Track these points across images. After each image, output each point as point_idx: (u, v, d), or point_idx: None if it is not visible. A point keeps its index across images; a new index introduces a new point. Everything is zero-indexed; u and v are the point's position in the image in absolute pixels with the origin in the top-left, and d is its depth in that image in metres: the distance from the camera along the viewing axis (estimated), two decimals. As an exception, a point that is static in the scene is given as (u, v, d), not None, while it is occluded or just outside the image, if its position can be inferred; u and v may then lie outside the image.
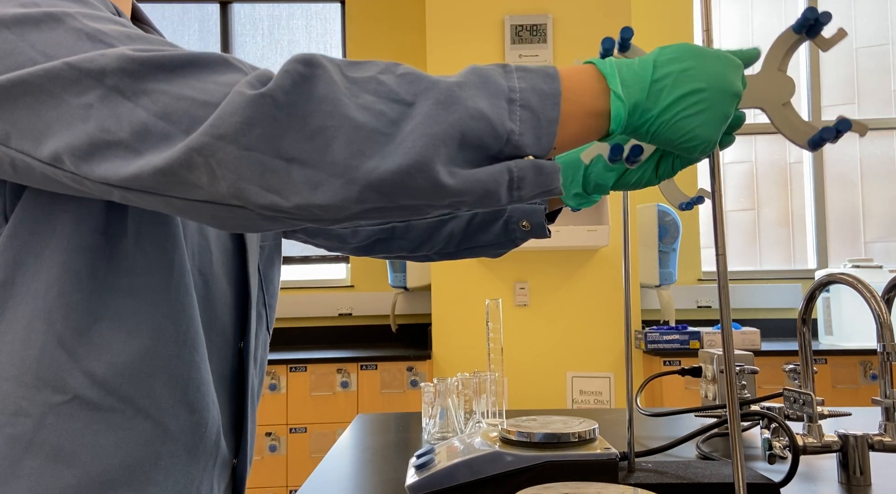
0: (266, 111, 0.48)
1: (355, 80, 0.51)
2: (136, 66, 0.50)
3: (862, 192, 3.54)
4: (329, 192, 0.49)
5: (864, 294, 0.92)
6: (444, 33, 2.98)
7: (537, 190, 0.54)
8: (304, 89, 0.49)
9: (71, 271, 0.59)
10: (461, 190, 0.51)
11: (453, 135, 0.50)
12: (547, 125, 0.54)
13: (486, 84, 0.53)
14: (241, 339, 0.74)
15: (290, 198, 0.49)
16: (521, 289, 2.92)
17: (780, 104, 0.62)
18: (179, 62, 0.51)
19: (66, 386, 0.59)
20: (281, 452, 2.79)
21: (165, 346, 0.63)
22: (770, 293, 3.42)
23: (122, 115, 0.50)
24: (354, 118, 0.49)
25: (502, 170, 0.52)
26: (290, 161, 0.48)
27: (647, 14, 3.46)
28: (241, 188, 0.49)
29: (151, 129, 0.50)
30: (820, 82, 3.56)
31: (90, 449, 0.59)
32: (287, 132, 0.48)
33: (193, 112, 0.49)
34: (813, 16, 0.60)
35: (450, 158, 0.50)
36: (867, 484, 0.92)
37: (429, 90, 0.51)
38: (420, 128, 0.50)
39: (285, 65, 0.50)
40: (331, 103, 0.49)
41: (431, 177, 0.50)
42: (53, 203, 0.59)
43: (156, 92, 0.50)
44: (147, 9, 3.61)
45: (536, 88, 0.54)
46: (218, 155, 0.48)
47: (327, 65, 0.50)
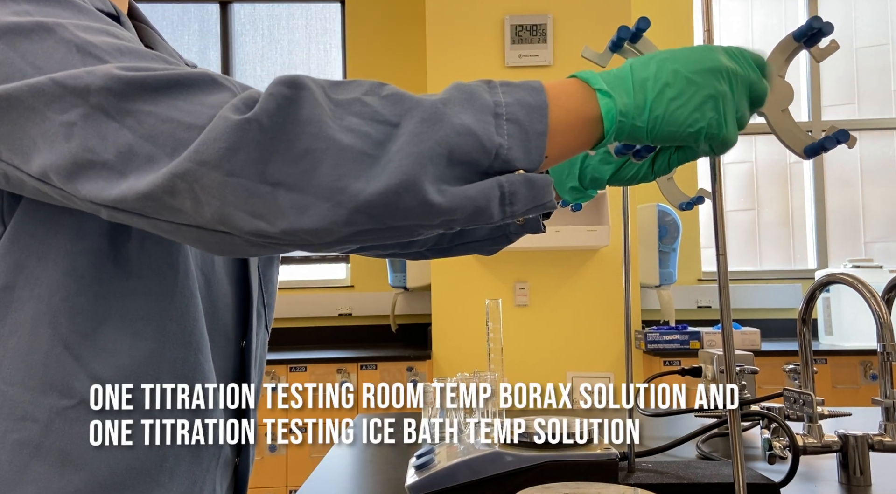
0: (251, 136, 0.47)
1: (339, 102, 0.50)
2: (122, 86, 0.49)
3: (862, 192, 3.54)
4: (316, 216, 0.48)
5: (864, 294, 0.92)
6: (444, 33, 2.97)
7: (530, 204, 0.53)
8: (289, 112, 0.48)
9: (75, 274, 0.59)
10: (451, 208, 0.50)
11: (440, 153, 0.49)
12: (535, 137, 0.53)
13: (471, 100, 0.52)
14: (242, 339, 0.74)
15: (277, 223, 0.48)
16: (521, 289, 2.92)
17: (780, 110, 0.63)
18: (166, 82, 0.50)
19: (73, 390, 0.58)
20: (281, 452, 2.79)
21: (171, 348, 0.63)
22: (770, 293, 3.41)
23: (106, 135, 0.49)
24: (340, 140, 0.48)
25: (493, 185, 0.51)
26: (276, 185, 0.48)
27: (647, 14, 3.45)
28: (226, 214, 0.48)
29: (136, 151, 0.49)
30: (820, 82, 3.56)
31: (97, 453, 0.59)
32: (272, 156, 0.47)
33: (178, 135, 0.48)
34: (818, 25, 0.60)
35: (438, 176, 0.50)
36: (867, 484, 0.92)
37: (413, 109, 0.51)
38: (406, 148, 0.49)
39: (269, 87, 0.49)
40: (315, 126, 0.48)
41: (420, 197, 0.49)
42: (55, 206, 0.59)
43: (141, 113, 0.49)
44: (147, 9, 3.59)
45: (522, 101, 0.53)
46: (202, 181, 0.47)
47: (312, 86, 0.50)
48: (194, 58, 3.58)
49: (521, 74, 2.93)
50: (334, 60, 3.61)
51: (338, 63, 3.60)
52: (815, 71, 3.55)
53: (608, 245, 2.81)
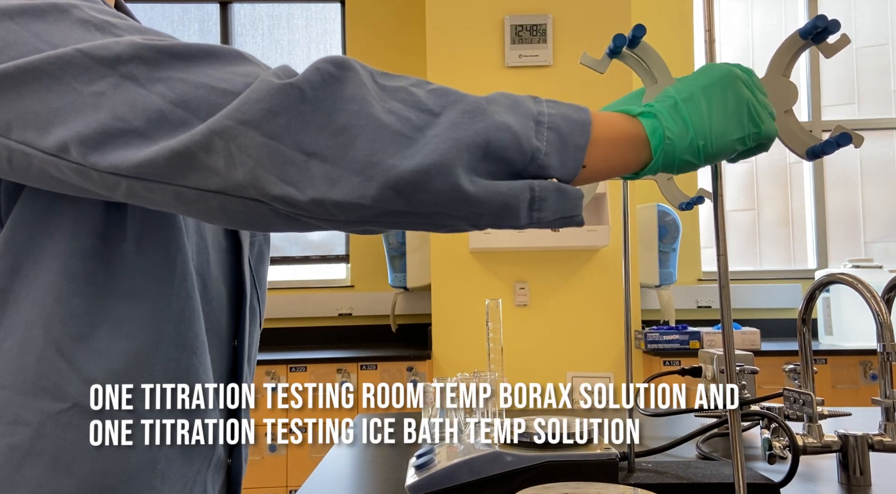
0: (292, 102, 0.48)
1: (385, 88, 0.51)
2: (153, 54, 0.50)
3: (862, 192, 3.54)
4: (346, 189, 0.48)
5: (864, 294, 0.92)
6: (444, 33, 2.97)
7: (559, 214, 0.53)
8: (333, 88, 0.49)
9: (69, 276, 0.58)
10: (481, 199, 0.50)
11: (478, 143, 0.50)
12: (574, 149, 0.53)
13: (516, 105, 0.53)
14: (234, 338, 0.74)
15: (307, 191, 0.48)
16: (521, 289, 2.92)
17: (783, 111, 0.62)
18: (196, 52, 0.51)
19: (66, 394, 0.58)
20: (281, 452, 2.79)
21: (165, 351, 0.62)
22: (770, 293, 3.41)
23: (136, 103, 0.49)
24: (380, 119, 0.49)
25: (524, 187, 0.52)
26: (311, 155, 0.48)
27: (647, 14, 3.46)
28: (258, 176, 0.48)
29: (168, 117, 0.49)
30: (820, 82, 3.56)
31: (89, 457, 0.58)
32: (310, 126, 0.48)
33: (213, 99, 0.49)
34: (823, 24, 0.60)
35: (472, 166, 0.50)
36: (867, 484, 0.92)
37: (456, 102, 0.51)
38: (444, 133, 0.49)
39: (316, 62, 0.50)
40: (358, 103, 0.49)
41: (452, 181, 0.49)
42: (50, 206, 0.58)
43: (172, 79, 0.49)
44: (147, 9, 3.61)
45: (565, 115, 0.53)
46: (239, 139, 0.47)
47: (359, 69, 0.51)
48: (194, 58, 3.58)
49: (521, 74, 2.93)
50: (334, 60, 3.61)
51: (338, 63, 3.60)
52: (815, 71, 3.55)
53: (608, 245, 2.81)
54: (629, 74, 2.49)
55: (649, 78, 0.69)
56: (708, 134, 0.56)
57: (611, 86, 2.13)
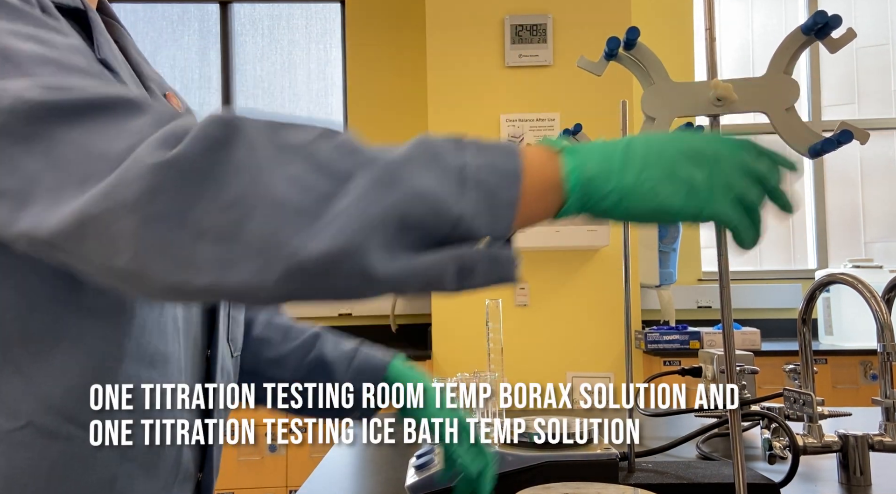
0: (172, 179, 0.42)
1: (284, 148, 0.45)
2: (32, 109, 0.45)
3: (862, 192, 3.54)
4: (244, 273, 0.43)
5: (864, 294, 0.92)
6: (444, 33, 2.97)
7: (490, 278, 0.49)
8: (219, 155, 0.43)
9: (27, 292, 0.55)
10: (398, 280, 0.45)
11: (391, 219, 0.44)
12: (504, 207, 0.48)
13: (435, 160, 0.47)
14: (208, 347, 0.71)
15: (199, 277, 0.43)
16: (521, 289, 2.92)
17: (784, 109, 0.62)
18: (82, 106, 0.46)
19: (19, 413, 0.54)
20: (281, 452, 2.79)
21: (126, 366, 0.58)
22: (770, 293, 3.41)
23: (10, 161, 0.45)
24: (277, 191, 0.43)
25: (449, 259, 0.46)
26: (200, 235, 0.43)
27: (647, 14, 3.46)
28: (142, 264, 0.43)
29: (41, 181, 0.45)
30: (820, 82, 3.55)
31: (44, 477, 0.55)
32: (197, 203, 0.43)
33: (89, 164, 0.44)
34: (823, 20, 0.60)
35: (386, 243, 0.44)
36: (867, 484, 0.92)
37: (366, 165, 0.45)
38: (352, 209, 0.44)
39: (199, 126, 0.44)
40: (250, 172, 0.43)
41: (363, 265, 0.44)
42: None
43: (51, 138, 0.45)
44: (147, 9, 3.60)
45: (493, 165, 0.48)
46: (116, 225, 0.43)
47: (249, 129, 0.45)
48: (194, 58, 3.58)
49: (521, 74, 2.93)
50: (334, 60, 3.61)
51: (338, 63, 3.60)
52: (816, 71, 3.55)
53: (608, 245, 2.81)
54: (629, 73, 2.49)
55: (646, 79, 0.69)
56: (631, 188, 0.50)
57: (611, 85, 2.13)
